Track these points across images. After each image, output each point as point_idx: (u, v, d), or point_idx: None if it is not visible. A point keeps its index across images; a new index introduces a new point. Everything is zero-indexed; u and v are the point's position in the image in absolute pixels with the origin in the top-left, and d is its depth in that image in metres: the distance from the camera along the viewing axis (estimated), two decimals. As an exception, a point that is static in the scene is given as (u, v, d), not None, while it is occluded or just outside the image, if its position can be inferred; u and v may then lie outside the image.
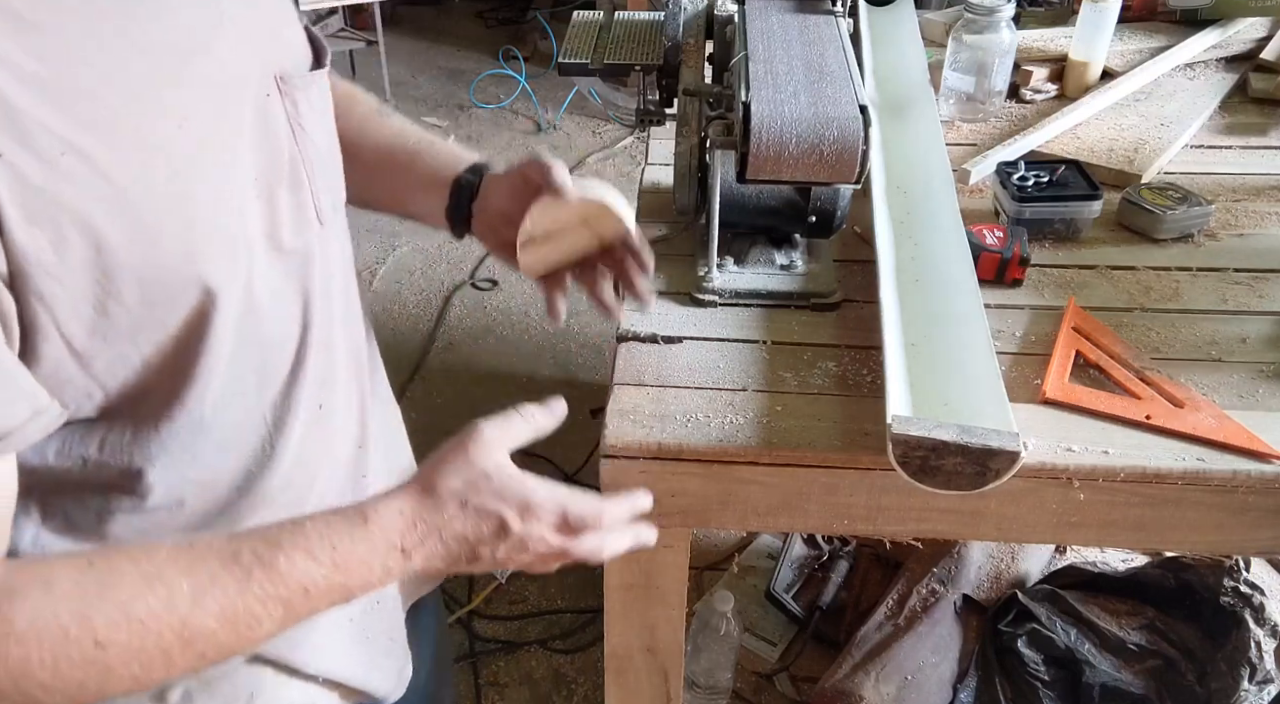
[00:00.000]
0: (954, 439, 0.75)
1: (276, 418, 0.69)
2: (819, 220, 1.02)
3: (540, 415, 0.68)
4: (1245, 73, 1.48)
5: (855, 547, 1.75)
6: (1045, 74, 1.46)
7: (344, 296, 0.76)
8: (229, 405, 0.64)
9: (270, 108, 0.63)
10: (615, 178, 3.53)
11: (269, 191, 0.63)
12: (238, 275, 0.60)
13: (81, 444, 0.60)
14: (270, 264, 0.64)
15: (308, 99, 0.66)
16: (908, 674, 1.46)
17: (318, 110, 0.67)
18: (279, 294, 0.65)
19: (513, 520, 0.62)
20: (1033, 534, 0.93)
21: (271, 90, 0.63)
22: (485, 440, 0.64)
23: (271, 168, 0.63)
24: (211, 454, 0.65)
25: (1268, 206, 1.18)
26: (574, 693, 1.77)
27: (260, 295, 0.63)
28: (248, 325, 0.62)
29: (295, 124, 0.65)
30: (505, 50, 4.32)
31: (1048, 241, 1.12)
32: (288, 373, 0.69)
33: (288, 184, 0.65)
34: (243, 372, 0.64)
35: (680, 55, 1.07)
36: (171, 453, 0.62)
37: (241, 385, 0.64)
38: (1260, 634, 1.40)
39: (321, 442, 0.74)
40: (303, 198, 0.66)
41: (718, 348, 0.96)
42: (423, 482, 0.62)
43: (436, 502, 0.61)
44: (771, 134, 0.85)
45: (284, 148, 0.64)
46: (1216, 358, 0.94)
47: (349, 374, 0.78)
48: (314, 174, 0.67)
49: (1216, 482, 0.82)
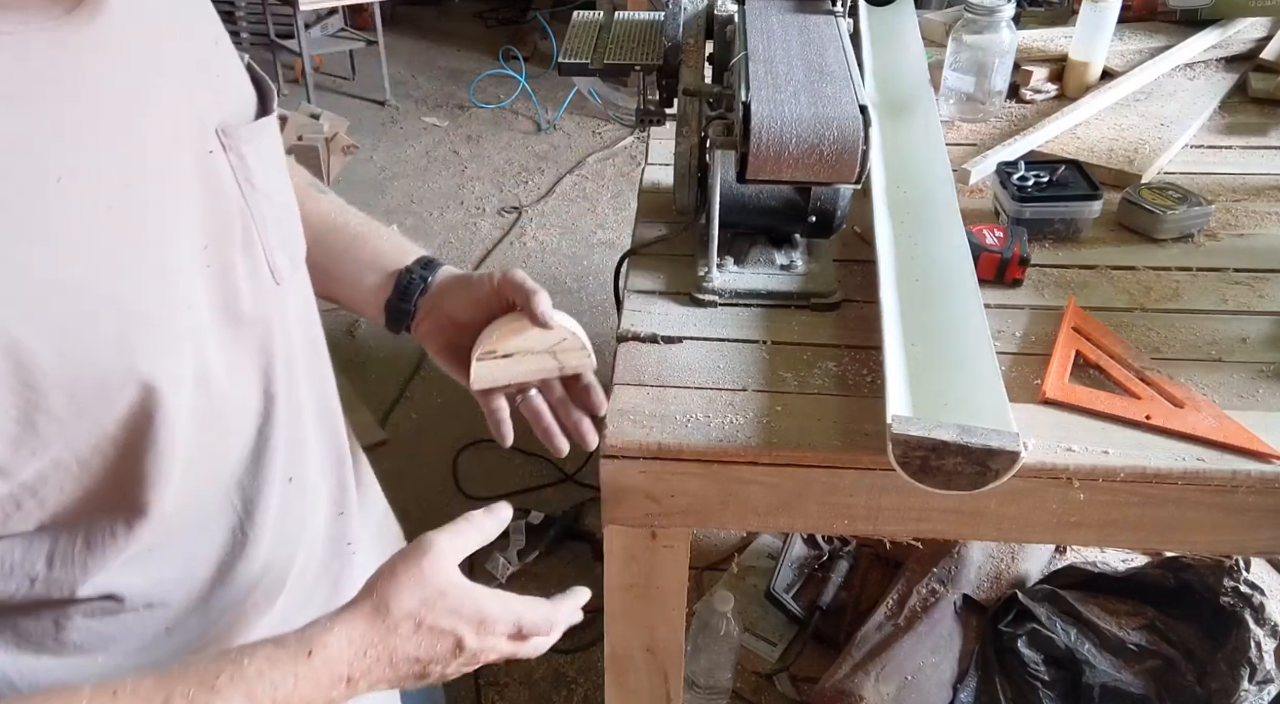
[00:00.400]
0: (954, 439, 0.75)
1: (246, 499, 0.64)
2: (819, 220, 1.02)
3: (489, 522, 0.67)
4: (1245, 73, 1.48)
5: (855, 547, 1.75)
6: (1045, 74, 1.46)
7: (309, 355, 0.71)
8: (191, 497, 0.59)
9: (214, 165, 0.57)
10: (615, 178, 3.54)
11: (222, 259, 0.58)
12: (184, 363, 0.54)
13: (25, 561, 0.54)
14: (226, 340, 0.59)
15: (255, 150, 0.60)
16: (908, 674, 1.46)
17: (267, 161, 0.62)
18: (237, 369, 0.60)
19: (469, 638, 0.61)
20: (1033, 534, 0.93)
21: (214, 146, 0.57)
22: (438, 553, 0.61)
23: (223, 232, 0.58)
24: (178, 550, 0.61)
25: (1268, 206, 1.18)
26: (574, 693, 1.77)
27: (215, 375, 0.57)
28: (203, 410, 0.56)
29: (243, 180, 0.59)
30: (505, 50, 4.32)
31: (1048, 241, 1.12)
32: (252, 449, 0.64)
33: (241, 247, 0.59)
34: (202, 459, 0.58)
35: (680, 55, 1.07)
36: (132, 557, 0.57)
37: (202, 473, 0.59)
38: (1260, 634, 1.40)
39: (297, 516, 0.70)
40: (257, 258, 0.61)
41: (718, 348, 0.96)
42: (375, 601, 0.59)
43: (389, 624, 0.58)
44: (771, 134, 0.85)
45: (233, 207, 0.59)
46: (1216, 358, 0.94)
47: (321, 438, 0.73)
48: (266, 231, 0.62)
49: (1216, 482, 0.82)
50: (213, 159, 0.57)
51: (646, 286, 1.05)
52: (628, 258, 1.11)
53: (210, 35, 0.61)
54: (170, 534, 0.59)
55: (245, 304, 0.60)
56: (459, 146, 3.79)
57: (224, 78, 0.61)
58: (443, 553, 0.62)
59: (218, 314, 0.58)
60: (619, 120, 3.89)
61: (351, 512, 0.79)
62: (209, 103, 0.58)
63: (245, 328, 0.60)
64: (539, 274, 2.95)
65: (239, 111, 0.61)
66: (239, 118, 0.60)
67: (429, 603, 0.60)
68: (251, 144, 0.60)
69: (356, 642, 0.57)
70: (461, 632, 0.61)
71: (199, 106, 0.57)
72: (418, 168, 3.64)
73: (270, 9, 4.12)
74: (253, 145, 0.60)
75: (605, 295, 2.80)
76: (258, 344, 0.62)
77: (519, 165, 3.65)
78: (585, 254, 3.07)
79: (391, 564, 0.61)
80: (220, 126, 0.58)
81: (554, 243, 3.13)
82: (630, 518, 0.88)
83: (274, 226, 0.63)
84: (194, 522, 0.61)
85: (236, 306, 0.59)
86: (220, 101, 0.59)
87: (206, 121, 0.57)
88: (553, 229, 3.22)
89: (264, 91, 0.64)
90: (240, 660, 0.54)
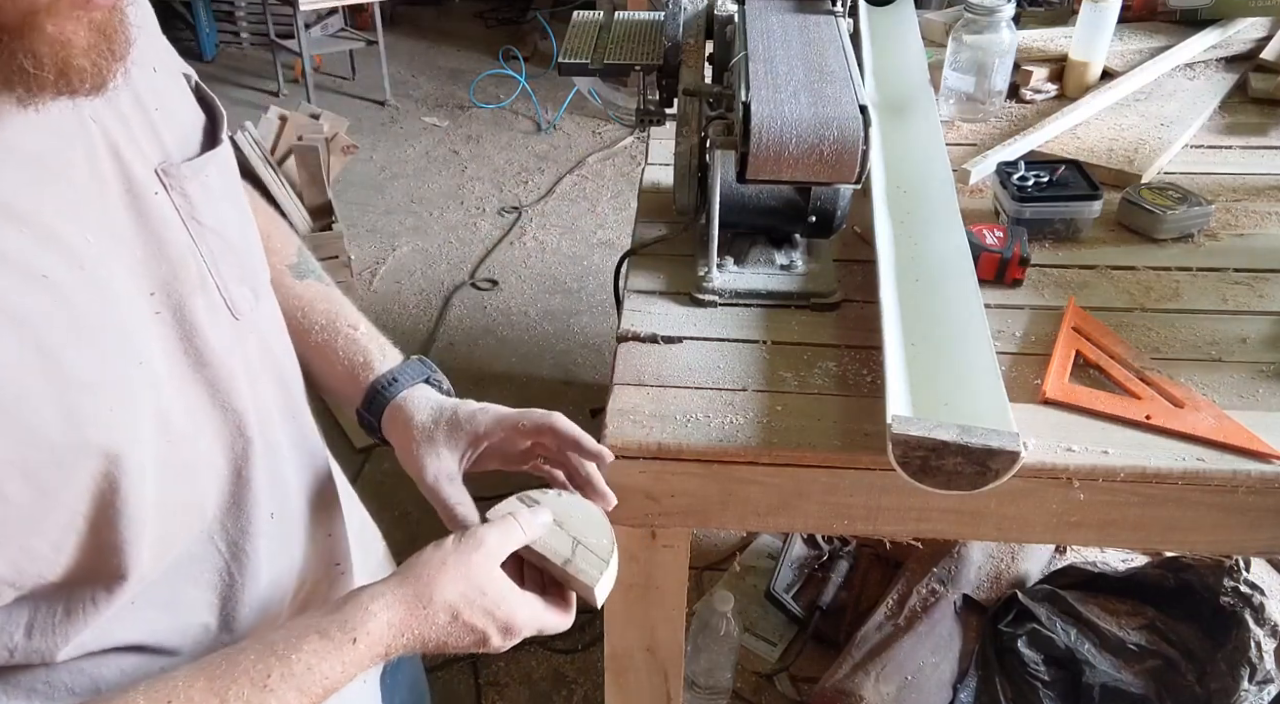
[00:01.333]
0: (954, 439, 0.75)
1: (230, 542, 0.63)
2: (819, 220, 1.02)
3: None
4: (1245, 73, 1.48)
5: (855, 547, 1.75)
6: (1045, 74, 1.46)
7: (280, 386, 0.69)
8: (168, 550, 0.58)
9: (155, 208, 0.55)
10: (615, 178, 3.54)
11: (173, 302, 0.56)
12: (142, 420, 0.53)
13: (3, 633, 0.52)
14: (187, 385, 0.57)
15: (202, 185, 0.58)
16: (908, 674, 1.46)
17: (217, 194, 0.60)
18: (202, 414, 0.59)
19: (495, 638, 0.63)
20: (1033, 534, 0.93)
21: (156, 187, 0.55)
22: (487, 551, 0.63)
23: (172, 275, 0.56)
24: (164, 601, 0.60)
25: (1268, 206, 1.18)
26: (574, 693, 1.77)
27: (178, 424, 0.56)
28: (169, 462, 0.55)
29: (188, 218, 0.57)
30: (505, 50, 4.32)
31: (1048, 241, 1.12)
32: (230, 491, 0.62)
33: (198, 286, 0.58)
34: (176, 511, 0.57)
35: (680, 55, 1.07)
36: (114, 616, 0.56)
37: (178, 524, 0.58)
38: (1260, 634, 1.40)
39: (287, 550, 0.70)
40: (213, 297, 0.59)
41: (718, 348, 0.96)
42: (418, 589, 0.61)
43: (429, 612, 0.60)
44: (771, 134, 0.85)
45: (183, 249, 0.57)
46: (1216, 358, 0.94)
47: (301, 466, 0.72)
48: (219, 268, 0.60)
49: (1216, 482, 0.82)
50: (155, 201, 0.55)
51: (646, 286, 1.05)
52: (628, 258, 1.11)
53: (148, 63, 0.58)
54: (153, 588, 0.58)
55: (207, 344, 0.58)
56: (459, 146, 3.79)
57: (163, 111, 0.58)
58: (492, 552, 0.63)
59: (176, 360, 0.56)
60: (619, 120, 3.89)
61: (339, 533, 0.78)
62: (146, 141, 0.56)
63: (209, 369, 0.59)
64: (539, 274, 2.95)
65: (182, 145, 0.59)
66: (183, 152, 0.58)
67: (469, 598, 0.61)
68: (196, 180, 0.58)
69: (396, 625, 0.59)
70: (490, 632, 0.62)
71: (135, 148, 0.55)
72: (418, 168, 3.64)
73: (270, 9, 4.12)
74: (197, 181, 0.58)
75: (605, 295, 2.80)
76: (225, 384, 0.60)
77: (519, 165, 3.65)
78: (585, 254, 3.07)
79: (442, 553, 0.62)
80: (160, 166, 0.56)
81: (554, 243, 3.13)
82: (630, 518, 0.88)
83: (227, 262, 0.61)
84: (178, 572, 0.60)
85: (197, 349, 0.58)
86: (159, 139, 0.57)
87: (143, 164, 0.55)
88: (553, 229, 3.22)
89: (215, 116, 0.62)
90: (288, 657, 0.55)
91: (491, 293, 2.88)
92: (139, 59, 0.55)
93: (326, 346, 0.79)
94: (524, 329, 2.74)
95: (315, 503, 0.74)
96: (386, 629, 0.59)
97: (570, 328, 2.72)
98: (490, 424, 0.74)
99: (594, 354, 2.64)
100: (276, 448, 0.67)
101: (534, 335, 2.71)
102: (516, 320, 2.77)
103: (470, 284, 2.92)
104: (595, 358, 2.62)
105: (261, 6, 4.19)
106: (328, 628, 0.58)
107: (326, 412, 2.38)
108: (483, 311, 2.81)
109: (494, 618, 0.62)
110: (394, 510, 2.11)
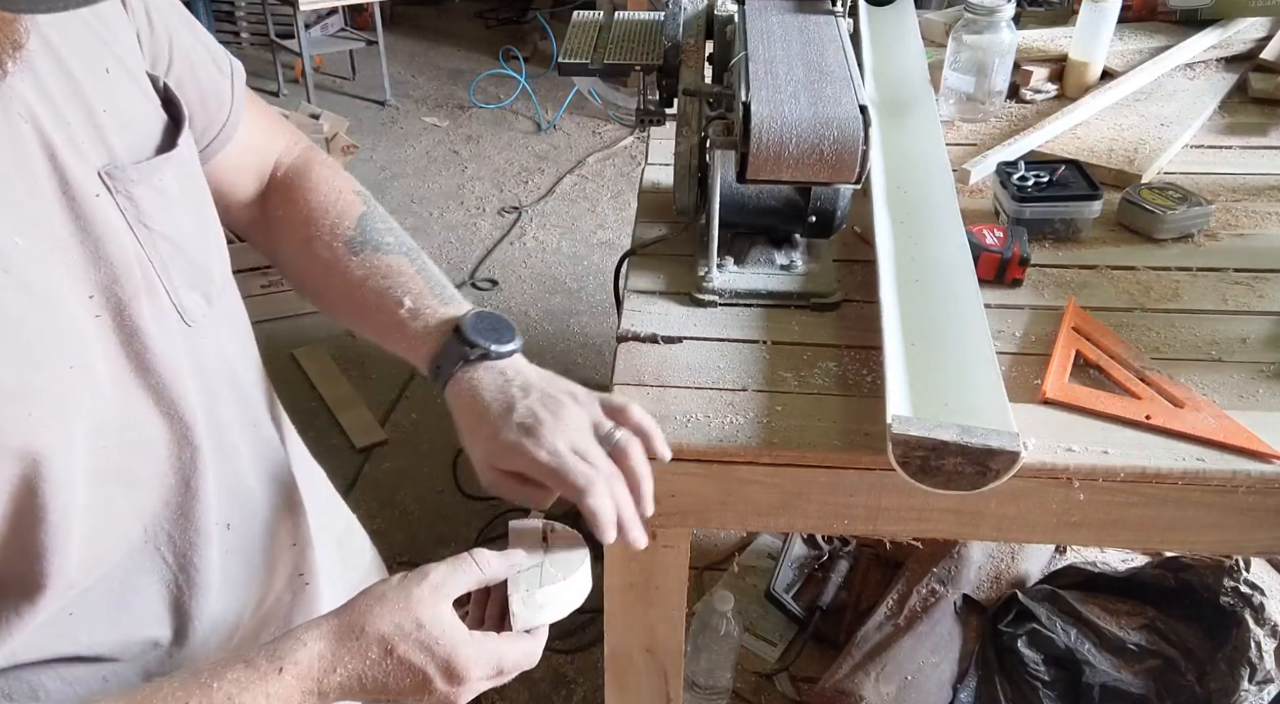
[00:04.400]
0: (954, 439, 0.75)
1: (178, 552, 0.61)
2: (819, 220, 1.02)
3: (496, 564, 0.62)
4: (1245, 73, 1.48)
5: (855, 547, 1.75)
6: (1045, 74, 1.46)
7: (237, 394, 0.67)
8: (102, 559, 0.56)
9: (99, 210, 0.53)
10: (615, 178, 3.54)
11: (115, 307, 0.55)
12: (74, 425, 0.51)
13: None
14: (129, 391, 0.56)
15: (154, 188, 0.57)
16: (908, 674, 1.46)
17: (173, 198, 0.58)
18: (145, 420, 0.57)
19: (437, 681, 0.57)
20: (1033, 534, 0.93)
21: (98, 190, 0.54)
22: (430, 584, 0.59)
23: (114, 279, 0.54)
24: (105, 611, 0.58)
25: (1268, 206, 1.18)
26: (574, 693, 1.77)
27: (116, 431, 0.54)
28: (104, 471, 0.54)
29: (134, 222, 0.55)
30: (505, 50, 4.32)
31: (1048, 241, 1.12)
32: (178, 501, 0.60)
33: (142, 291, 0.56)
34: (110, 519, 0.56)
35: (680, 55, 1.07)
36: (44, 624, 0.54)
37: (113, 533, 0.57)
38: (1260, 634, 1.40)
39: (244, 561, 0.68)
40: (160, 302, 0.58)
41: (718, 348, 0.96)
42: (350, 620, 0.57)
43: (361, 645, 0.56)
44: (771, 134, 0.85)
45: (127, 253, 0.55)
46: (1216, 358, 0.94)
47: (262, 476, 0.70)
48: (167, 273, 0.58)
49: (1216, 482, 0.82)
50: (96, 203, 0.53)
51: (646, 286, 1.05)
52: (628, 258, 1.11)
53: (99, 65, 0.56)
54: (92, 599, 0.57)
55: (150, 350, 0.57)
56: (459, 146, 3.79)
57: (113, 113, 0.56)
58: (436, 585, 0.59)
59: (117, 365, 0.55)
60: (619, 120, 3.89)
61: (305, 542, 0.76)
62: (89, 143, 0.54)
63: (153, 375, 0.57)
64: (539, 274, 2.95)
65: (134, 148, 0.57)
66: (134, 155, 0.57)
67: (404, 631, 0.57)
68: (146, 184, 0.56)
69: (327, 657, 0.56)
70: (430, 673, 0.57)
71: (75, 150, 0.53)
72: (418, 168, 3.64)
73: (270, 9, 4.12)
74: (147, 184, 0.56)
75: (605, 295, 2.80)
76: (171, 391, 0.58)
77: (519, 165, 3.65)
78: (585, 254, 3.07)
79: (382, 587, 0.59)
80: (105, 168, 0.54)
81: (554, 243, 3.13)
82: (630, 518, 0.88)
83: (177, 266, 0.59)
84: (120, 583, 0.58)
85: (142, 355, 0.56)
86: (106, 141, 0.55)
87: (83, 166, 0.53)
88: (553, 229, 3.22)
89: (179, 120, 0.61)
90: (209, 685, 0.53)
91: (492, 293, 2.88)
92: (88, 62, 0.55)
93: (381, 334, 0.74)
94: (524, 329, 2.73)
95: (279, 513, 0.72)
96: (316, 661, 0.55)
97: (570, 328, 2.72)
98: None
99: (594, 354, 2.64)
100: (233, 456, 0.65)
101: (534, 335, 2.71)
102: (516, 320, 2.76)
103: (470, 284, 2.92)
104: (595, 358, 2.62)
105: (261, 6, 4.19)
106: (254, 657, 0.55)
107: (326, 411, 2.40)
108: (483, 311, 2.81)
109: (433, 655, 0.57)
110: (394, 510, 2.11)
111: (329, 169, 0.78)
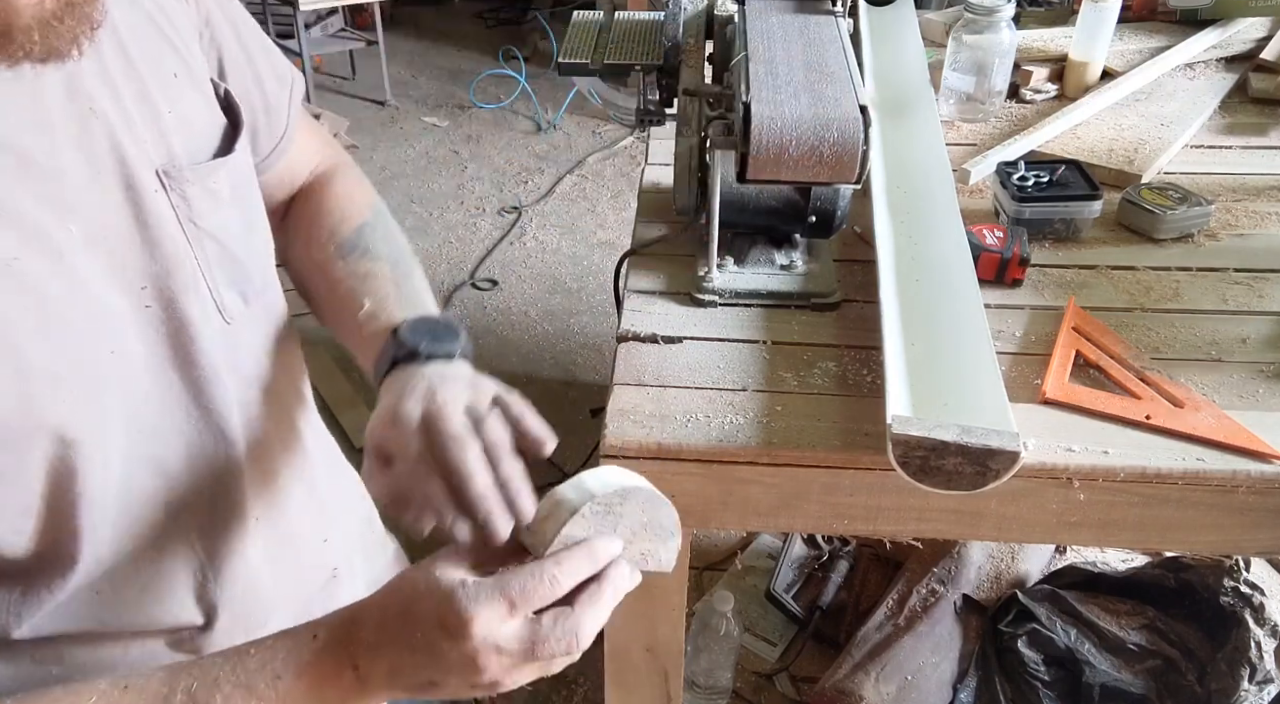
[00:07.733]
0: (954, 439, 0.75)
1: (207, 543, 0.62)
2: (819, 220, 1.02)
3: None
4: (1245, 73, 1.48)
5: (855, 547, 1.75)
6: (1045, 74, 1.46)
7: (273, 392, 0.68)
8: (132, 543, 0.58)
9: (155, 206, 0.56)
10: (615, 178, 3.54)
11: (169, 300, 0.57)
12: (111, 411, 0.53)
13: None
14: (168, 383, 0.57)
15: (206, 190, 0.59)
16: (908, 674, 1.46)
17: (222, 199, 0.60)
18: (181, 412, 0.59)
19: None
20: (1033, 534, 0.93)
21: (156, 186, 0.56)
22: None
23: (165, 272, 0.56)
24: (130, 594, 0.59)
25: (1268, 206, 1.18)
26: (574, 693, 1.77)
27: (152, 421, 0.56)
28: (139, 457, 0.55)
29: (185, 220, 0.58)
30: (505, 50, 4.32)
31: (1048, 241, 1.12)
32: (210, 493, 0.62)
33: (190, 287, 0.58)
34: (143, 505, 0.57)
35: (680, 55, 1.07)
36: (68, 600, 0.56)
37: (144, 519, 0.58)
38: (1260, 634, 1.40)
39: (272, 555, 0.68)
40: (204, 299, 0.60)
41: (718, 348, 0.96)
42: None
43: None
44: (771, 134, 0.85)
45: (179, 249, 0.57)
46: (1216, 358, 0.94)
47: (295, 473, 0.71)
48: (211, 270, 0.60)
49: (1216, 482, 0.82)
50: (154, 199, 0.56)
51: (646, 286, 1.05)
52: (628, 258, 1.11)
53: (168, 69, 0.58)
54: (116, 579, 0.57)
55: (196, 344, 0.58)
56: (459, 146, 3.79)
57: (177, 115, 0.58)
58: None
59: (159, 356, 0.56)
60: (619, 120, 3.89)
61: (335, 537, 0.77)
62: (152, 142, 0.56)
63: (195, 369, 0.59)
64: (539, 274, 2.95)
65: (192, 150, 0.59)
66: (191, 156, 0.59)
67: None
68: (199, 184, 0.58)
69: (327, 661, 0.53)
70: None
71: (139, 147, 0.55)
72: (418, 168, 3.64)
73: (270, 9, 4.11)
74: (200, 185, 0.58)
75: (605, 295, 2.80)
76: (210, 386, 0.60)
77: (519, 165, 3.65)
78: (585, 254, 3.07)
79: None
80: (163, 167, 0.56)
81: (554, 243, 3.13)
82: (630, 518, 0.88)
83: (220, 265, 0.61)
84: (150, 567, 0.59)
85: (188, 347, 0.58)
86: (166, 141, 0.57)
87: (145, 162, 0.55)
88: (553, 229, 3.22)
89: (237, 124, 0.62)
90: (246, 650, 0.53)
91: (491, 293, 2.88)
92: (157, 66, 0.57)
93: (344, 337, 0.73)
94: (524, 329, 2.74)
95: (311, 510, 0.73)
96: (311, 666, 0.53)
97: (570, 328, 2.72)
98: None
99: (594, 354, 2.64)
100: (268, 453, 0.66)
101: (534, 335, 2.71)
102: (516, 320, 2.77)
103: (470, 284, 2.92)
104: (595, 358, 2.62)
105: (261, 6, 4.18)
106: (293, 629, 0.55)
107: (326, 410, 2.39)
108: (483, 312, 2.81)
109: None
110: (394, 510, 2.11)
111: (350, 180, 0.79)
